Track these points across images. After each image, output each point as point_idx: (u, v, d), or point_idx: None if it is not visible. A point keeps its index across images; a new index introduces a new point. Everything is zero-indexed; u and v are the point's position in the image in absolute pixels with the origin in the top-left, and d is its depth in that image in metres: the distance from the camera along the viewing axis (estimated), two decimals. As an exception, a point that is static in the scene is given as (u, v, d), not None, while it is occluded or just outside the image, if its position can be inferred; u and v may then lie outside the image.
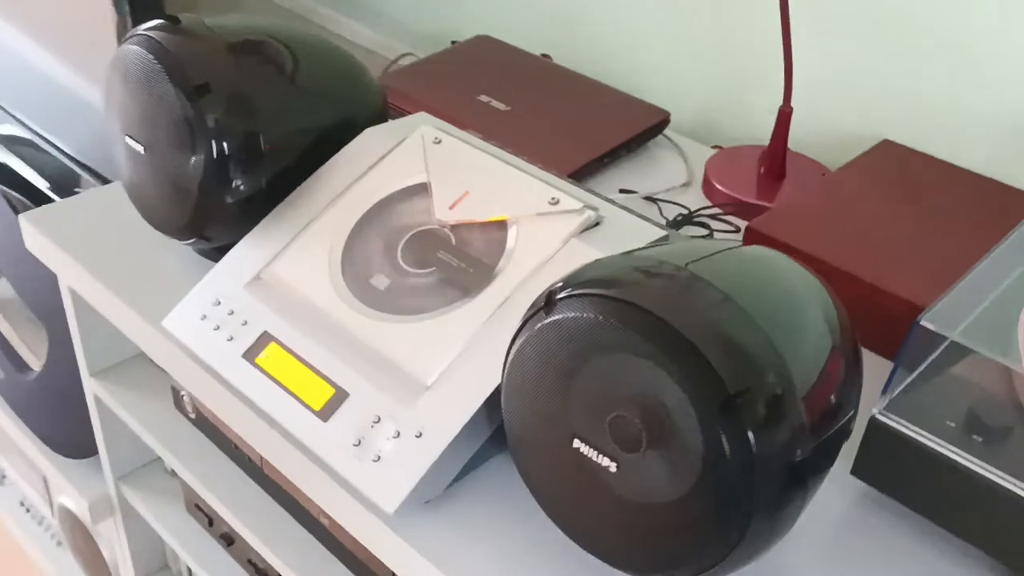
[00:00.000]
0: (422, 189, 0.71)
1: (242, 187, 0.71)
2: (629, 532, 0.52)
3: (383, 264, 0.67)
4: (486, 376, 0.60)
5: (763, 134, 1.03)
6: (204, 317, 0.69)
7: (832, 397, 0.52)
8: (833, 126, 0.99)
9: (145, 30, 0.72)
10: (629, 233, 0.66)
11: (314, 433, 0.62)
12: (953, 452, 0.57)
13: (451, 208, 0.69)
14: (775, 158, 0.94)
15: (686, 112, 1.09)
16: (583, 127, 0.98)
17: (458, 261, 0.66)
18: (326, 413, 0.62)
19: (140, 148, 0.74)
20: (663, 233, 0.67)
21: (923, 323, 0.57)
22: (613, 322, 0.49)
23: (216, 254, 0.78)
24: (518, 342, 0.54)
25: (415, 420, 0.60)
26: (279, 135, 0.72)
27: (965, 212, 0.83)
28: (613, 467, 0.51)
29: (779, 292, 0.53)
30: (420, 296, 0.65)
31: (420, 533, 0.59)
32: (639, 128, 0.99)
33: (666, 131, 1.03)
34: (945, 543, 0.60)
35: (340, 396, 0.62)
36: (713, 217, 0.91)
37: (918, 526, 0.61)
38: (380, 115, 0.80)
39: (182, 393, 0.86)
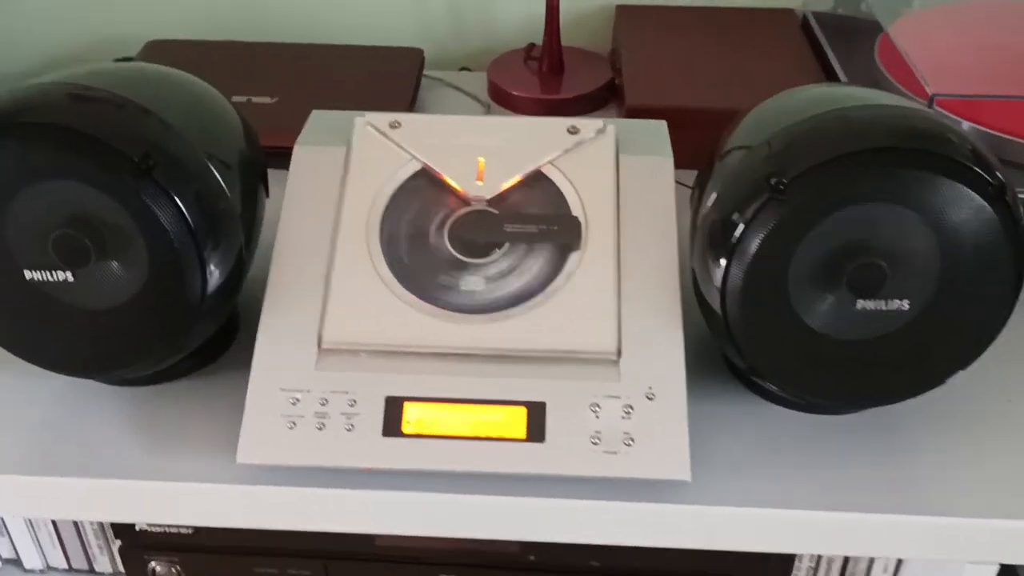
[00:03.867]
0: (422, 178, 0.62)
1: (224, 261, 0.56)
2: (900, 353, 0.55)
3: (456, 267, 0.59)
4: (666, 306, 0.57)
5: (490, 45, 1.04)
6: (293, 425, 0.54)
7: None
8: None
9: None
10: (644, 133, 0.65)
11: (543, 458, 0.53)
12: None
13: (480, 181, 0.61)
14: (552, 53, 0.96)
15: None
16: (369, 92, 0.90)
17: (533, 225, 0.60)
18: (537, 433, 0.54)
19: (65, 276, 0.54)
20: (662, 121, 0.67)
21: (938, 99, 0.66)
22: (890, 175, 0.51)
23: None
24: (751, 244, 0.52)
25: (635, 386, 0.55)
26: (233, 183, 0.58)
27: (740, 35, 0.94)
28: (905, 304, 0.53)
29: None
30: (524, 275, 0.58)
31: (718, 486, 0.55)
32: (415, 73, 0.94)
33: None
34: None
35: (537, 409, 0.54)
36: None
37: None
38: (254, 135, 0.66)
39: (153, 566, 0.67)
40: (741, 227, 0.53)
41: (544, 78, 0.96)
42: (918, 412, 0.61)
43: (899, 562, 0.70)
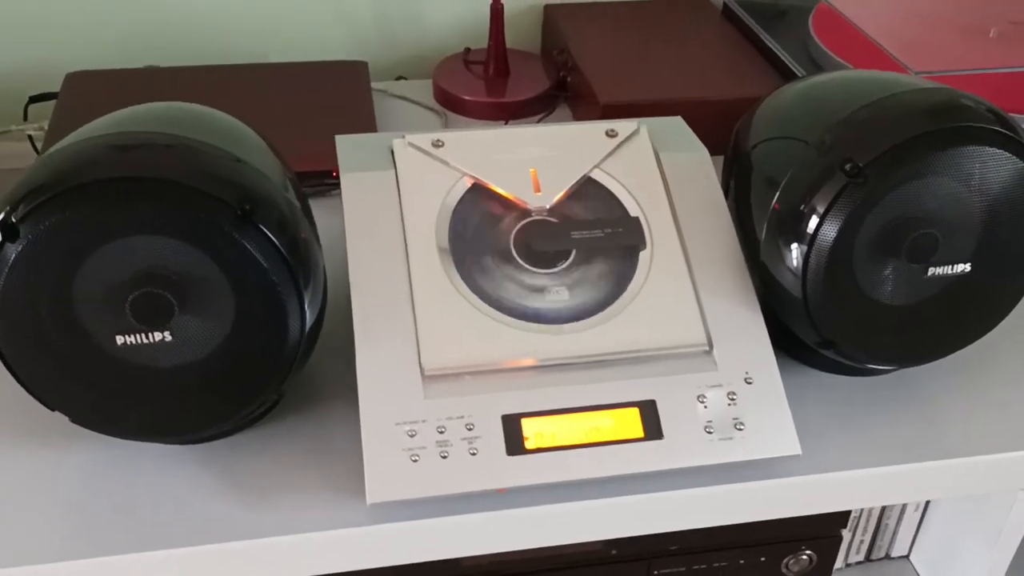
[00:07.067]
0: (477, 194, 0.62)
1: (315, 298, 0.54)
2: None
3: (534, 278, 0.59)
4: (741, 291, 0.60)
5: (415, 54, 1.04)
6: (416, 458, 0.53)
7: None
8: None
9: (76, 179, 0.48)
10: (668, 130, 0.67)
11: (667, 454, 0.55)
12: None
13: (538, 192, 0.62)
14: (499, 57, 0.96)
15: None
16: (330, 110, 0.88)
17: (599, 230, 0.61)
18: (653, 431, 0.56)
19: (162, 336, 0.51)
20: (678, 117, 0.70)
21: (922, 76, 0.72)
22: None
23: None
24: (832, 227, 0.56)
25: (733, 373, 0.57)
26: (305, 215, 0.56)
27: (668, 26, 0.99)
28: (968, 267, 0.58)
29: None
30: (602, 280, 0.60)
31: (824, 451, 0.58)
32: (367, 86, 0.92)
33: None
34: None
35: (649, 408, 0.56)
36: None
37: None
38: (288, 164, 0.64)
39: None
40: (819, 212, 0.56)
41: (492, 81, 0.97)
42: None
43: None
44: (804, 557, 0.70)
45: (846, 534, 0.79)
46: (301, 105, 0.88)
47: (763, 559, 0.69)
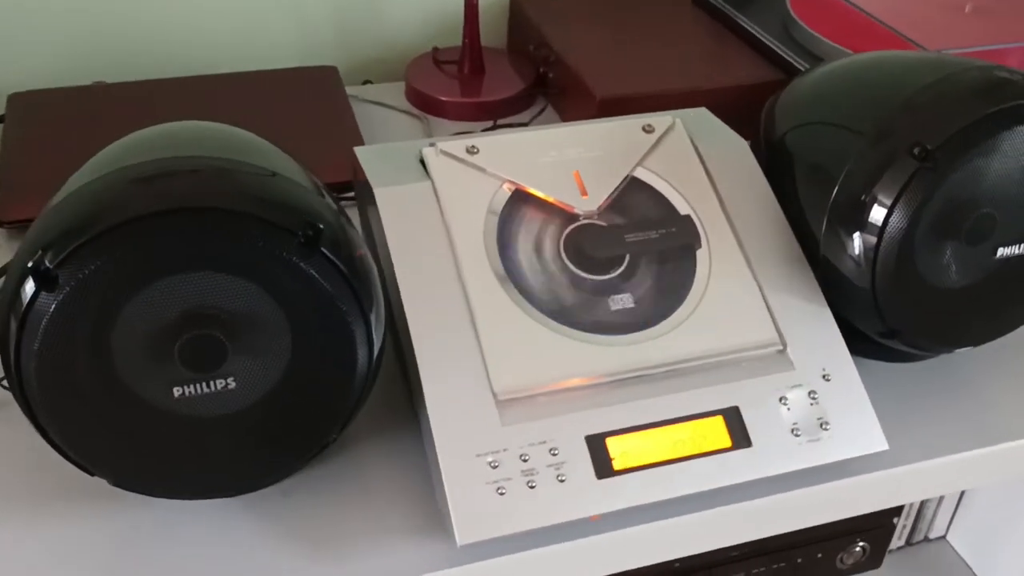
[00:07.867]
0: (521, 201, 0.58)
1: (379, 324, 0.50)
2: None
3: (593, 288, 0.56)
4: (805, 285, 0.58)
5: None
6: (502, 490, 0.49)
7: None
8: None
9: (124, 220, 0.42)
10: (699, 121, 0.65)
11: (758, 463, 0.52)
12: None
13: (585, 196, 0.58)
14: (474, 54, 0.92)
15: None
16: (311, 119, 0.82)
17: (653, 231, 0.58)
18: (741, 439, 0.53)
19: (226, 382, 0.45)
20: (702, 107, 0.67)
21: (934, 52, 0.71)
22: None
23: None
24: (903, 215, 0.54)
25: (811, 371, 0.55)
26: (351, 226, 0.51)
27: (642, 16, 0.96)
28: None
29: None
30: (664, 283, 0.57)
31: (909, 444, 0.57)
32: (341, 92, 0.87)
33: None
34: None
35: (732, 415, 0.53)
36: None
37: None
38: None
39: None
40: (887, 200, 0.54)
41: (468, 81, 0.92)
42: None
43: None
44: (858, 549, 0.68)
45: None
46: (274, 116, 0.83)
47: (820, 555, 0.67)
